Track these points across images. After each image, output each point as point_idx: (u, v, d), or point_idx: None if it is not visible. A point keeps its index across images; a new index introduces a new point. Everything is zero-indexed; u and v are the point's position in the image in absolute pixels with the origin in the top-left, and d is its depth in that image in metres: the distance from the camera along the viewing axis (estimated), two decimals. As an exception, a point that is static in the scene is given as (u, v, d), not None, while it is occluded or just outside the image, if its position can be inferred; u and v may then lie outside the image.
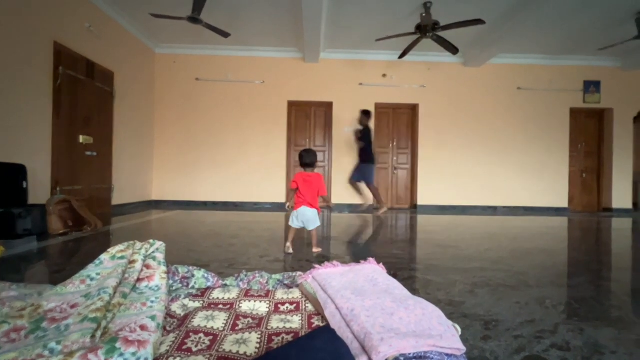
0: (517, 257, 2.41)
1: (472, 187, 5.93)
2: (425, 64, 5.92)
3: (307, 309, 1.14)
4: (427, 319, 0.94)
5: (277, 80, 5.86)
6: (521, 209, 5.92)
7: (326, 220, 4.46)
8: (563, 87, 5.96)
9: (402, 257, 2.36)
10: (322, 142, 6.09)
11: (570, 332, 1.20)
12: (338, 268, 1.30)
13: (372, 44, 5.34)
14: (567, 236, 3.67)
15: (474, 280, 1.79)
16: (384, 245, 2.88)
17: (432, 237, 3.30)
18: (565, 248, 3.00)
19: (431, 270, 2.03)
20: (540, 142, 5.98)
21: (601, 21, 4.58)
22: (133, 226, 3.62)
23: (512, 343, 1.11)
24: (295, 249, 2.56)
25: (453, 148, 5.93)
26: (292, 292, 1.28)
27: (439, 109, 5.94)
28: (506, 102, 5.97)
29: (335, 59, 5.89)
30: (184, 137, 5.82)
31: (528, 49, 5.65)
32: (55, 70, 3.54)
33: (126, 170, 4.98)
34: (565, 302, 1.52)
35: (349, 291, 1.09)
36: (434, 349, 0.83)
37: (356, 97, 5.91)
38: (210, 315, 1.03)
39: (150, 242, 1.19)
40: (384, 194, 6.12)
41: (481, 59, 5.63)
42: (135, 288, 1.00)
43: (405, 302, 1.01)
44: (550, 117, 5.99)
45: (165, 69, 5.80)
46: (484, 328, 1.21)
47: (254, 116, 5.85)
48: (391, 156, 6.13)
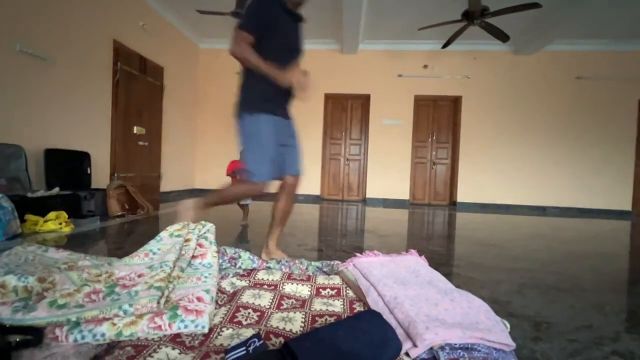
0: (570, 260, 2.24)
1: (518, 184, 5.56)
2: (470, 52, 5.60)
3: (348, 295, 1.16)
4: (473, 312, 0.91)
5: (314, 73, 5.81)
6: (574, 210, 5.44)
7: (360, 214, 4.44)
8: (630, 76, 5.33)
9: (441, 253, 2.29)
10: (358, 135, 6.04)
11: (635, 341, 1.10)
12: (379, 257, 1.31)
13: (414, 33, 5.14)
14: (629, 241, 3.33)
15: (521, 281, 1.70)
16: (421, 240, 2.81)
17: (473, 234, 3.16)
18: (627, 254, 2.73)
19: (473, 267, 1.95)
20: (600, 137, 5.43)
21: (683, -1, 4.02)
22: (179, 211, 3.87)
23: (566, 347, 1.04)
24: (331, 240, 2.60)
25: (498, 143, 5.59)
26: (332, 278, 1.31)
27: (484, 101, 5.60)
28: (562, 93, 5.47)
29: (373, 50, 5.77)
30: (224, 129, 6.07)
31: (589, 34, 5.11)
32: (114, 66, 3.86)
33: (173, 159, 5.32)
34: (628, 309, 1.40)
35: (391, 280, 1.09)
36: (481, 342, 0.81)
37: (394, 89, 5.76)
38: (257, 294, 1.08)
39: (202, 222, 1.27)
40: (421, 189, 5.94)
41: (535, 46, 5.20)
42: (191, 264, 1.09)
43: (450, 294, 0.99)
44: (614, 109, 5.40)
45: (209, 63, 6.05)
46: (533, 329, 1.16)
47: (293, 109, 5.93)
48: (430, 150, 5.92)
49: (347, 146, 6.07)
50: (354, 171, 6.06)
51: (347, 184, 6.07)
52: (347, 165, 6.07)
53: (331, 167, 6.10)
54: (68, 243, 2.15)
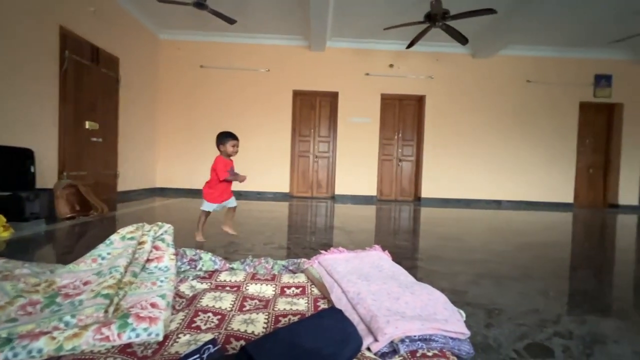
0: (521, 250, 2.41)
1: (477, 180, 5.90)
2: (433, 54, 5.83)
3: (312, 292, 1.16)
4: (432, 303, 0.95)
5: (282, 69, 5.81)
6: (525, 203, 5.89)
7: (329, 211, 4.47)
8: (573, 81, 5.86)
9: (406, 247, 2.37)
10: (326, 132, 6.07)
11: (573, 322, 1.21)
12: (343, 254, 1.32)
13: (380, 33, 5.24)
14: (571, 231, 3.66)
15: (478, 272, 1.80)
16: (387, 235, 2.89)
17: (436, 229, 3.30)
18: (569, 243, 3.00)
19: (435, 261, 2.04)
20: (548, 136, 5.92)
21: (614, 13, 4.46)
22: (138, 212, 3.66)
23: (515, 330, 1.12)
24: (299, 237, 2.59)
25: (459, 141, 5.89)
26: (297, 276, 1.30)
27: (446, 100, 5.87)
28: (514, 95, 5.88)
29: (341, 48, 5.81)
30: (188, 124, 5.82)
31: (538, 41, 5.53)
32: (61, 54, 3.53)
33: (131, 157, 5.00)
34: (569, 293, 1.53)
35: (354, 276, 1.10)
36: (439, 332, 0.85)
37: (362, 87, 5.85)
38: (218, 296, 1.04)
39: (158, 224, 1.20)
40: (388, 185, 6.11)
41: (490, 50, 5.53)
42: (145, 268, 1.02)
43: (411, 287, 1.02)
44: (559, 111, 5.91)
45: (170, 55, 5.76)
46: (487, 316, 1.23)
47: (259, 105, 5.82)
48: (396, 148, 6.09)
49: (316, 143, 6.08)
50: (322, 168, 6.08)
51: (316, 181, 6.09)
52: (316, 162, 6.08)
53: (300, 165, 6.08)
54: (7, 249, 1.94)
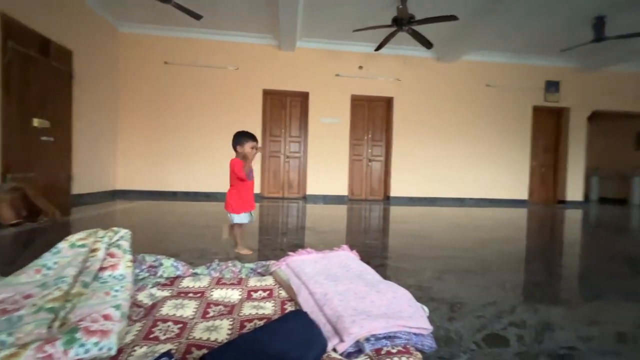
0: (482, 246, 2.55)
1: (441, 179, 6.16)
2: (400, 57, 6.00)
3: (280, 295, 1.14)
4: (397, 301, 0.97)
5: (251, 68, 5.70)
6: (486, 200, 6.25)
7: (300, 211, 4.46)
8: (527, 86, 6.30)
9: (375, 246, 2.41)
10: (297, 132, 6.04)
11: (526, 312, 1.29)
12: (311, 255, 1.31)
13: (349, 34, 5.31)
14: (526, 226, 3.93)
15: (442, 267, 1.88)
16: (357, 235, 2.93)
17: (404, 227, 3.40)
18: (524, 237, 3.21)
19: (402, 258, 2.10)
20: (506, 137, 6.31)
21: (562, 24, 4.86)
22: (95, 216, 3.42)
23: (474, 323, 1.17)
24: (270, 239, 2.55)
25: (425, 141, 6.11)
26: (265, 279, 1.27)
27: (413, 102, 6.07)
28: (476, 98, 6.21)
29: (312, 49, 5.82)
30: (152, 123, 5.54)
31: (497, 48, 5.89)
32: (3, 44, 3.21)
33: (88, 157, 4.67)
34: (523, 285, 1.64)
35: (322, 277, 1.10)
36: (403, 329, 0.87)
37: (333, 88, 5.89)
38: (179, 304, 0.99)
39: (114, 229, 1.12)
40: (359, 185, 6.21)
41: (454, 55, 5.80)
42: (98, 277, 0.95)
43: (377, 286, 1.03)
44: (515, 114, 6.33)
45: (131, 50, 5.44)
46: (449, 310, 1.28)
47: (228, 104, 5.67)
48: (366, 148, 6.20)
49: (286, 143, 6.03)
50: (294, 168, 6.05)
51: (287, 182, 6.05)
52: (287, 162, 6.03)
53: (271, 165, 6.01)
54: None
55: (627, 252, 2.54)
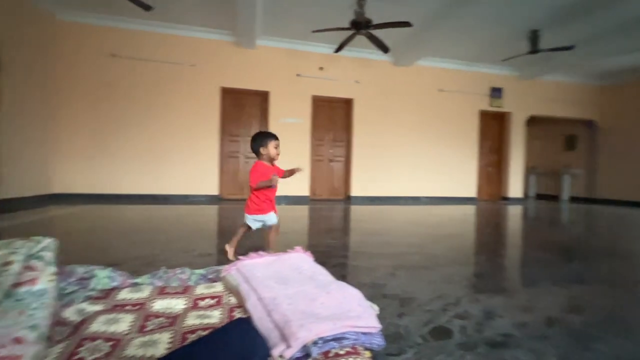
0: (433, 242, 2.67)
1: (399, 179, 6.41)
2: (360, 60, 6.14)
3: (229, 302, 1.09)
4: (347, 301, 0.97)
5: (209, 65, 5.47)
6: (440, 198, 6.61)
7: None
8: (474, 91, 6.78)
9: (334, 245, 2.43)
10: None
11: (470, 303, 1.37)
12: (263, 258, 1.28)
13: (310, 35, 5.32)
14: (474, 222, 4.21)
15: (396, 264, 1.94)
16: (318, 235, 2.93)
17: (363, 226, 3.48)
18: (472, 232, 3.44)
19: (359, 256, 2.13)
20: (456, 139, 6.73)
21: (504, 36, 5.30)
22: (26, 224, 3.05)
23: (422, 317, 1.22)
24: (227, 242, 2.46)
25: (384, 142, 6.31)
26: (214, 286, 1.21)
27: (372, 104, 6.24)
28: (429, 102, 6.55)
29: (272, 47, 5.74)
30: (98, 121, 5.08)
31: (448, 55, 6.26)
32: None
33: (16, 157, 4.16)
34: (467, 277, 1.74)
35: (272, 280, 1.07)
36: (351, 330, 0.87)
37: (293, 88, 5.86)
38: (113, 319, 0.91)
39: (35, 239, 0.99)
40: (320, 185, 6.24)
41: (409, 59, 6.06)
42: (12, 294, 0.83)
43: (327, 287, 1.03)
44: (464, 117, 6.78)
45: (72, 40, 4.95)
46: (400, 306, 1.31)
47: (183, 102, 5.39)
48: (327, 148, 6.25)
49: (246, 143, 5.88)
50: (254, 169, 5.92)
51: (247, 182, 5.88)
52: (247, 163, 5.88)
53: (230, 165, 5.82)
54: None
55: (558, 241, 2.83)
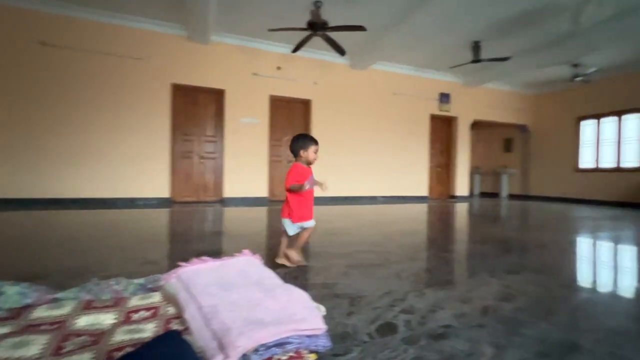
0: (386, 239, 2.76)
1: (358, 179, 6.56)
2: (318, 61, 6.18)
3: (167, 313, 1.01)
4: (292, 304, 0.95)
5: (158, 59, 5.13)
6: (395, 198, 6.89)
7: (216, 215, 4.20)
8: (425, 96, 7.17)
9: (288, 247, 2.39)
10: (213, 132, 5.68)
11: (416, 298, 1.43)
12: (208, 263, 1.21)
13: (267, 33, 5.24)
14: (426, 219, 4.44)
15: (350, 263, 1.96)
16: (274, 237, 2.88)
17: (321, 226, 3.48)
18: (424, 229, 3.62)
19: (315, 257, 2.13)
20: (410, 141, 7.07)
21: (451, 45, 5.68)
22: None
23: (370, 314, 1.24)
24: (175, 248, 2.32)
25: (341, 143, 6.42)
26: (151, 296, 1.12)
27: (330, 106, 6.31)
28: (384, 105, 6.79)
29: (227, 44, 5.54)
30: (23, 116, 4.50)
31: (401, 60, 6.55)
32: None
33: None
34: (416, 272, 1.81)
35: (215, 287, 1.01)
36: (294, 334, 0.85)
37: (250, 87, 5.72)
38: (21, 342, 0.79)
39: None
40: (279, 186, 6.17)
41: (365, 63, 6.23)
42: None
43: (273, 290, 1.00)
44: (417, 120, 7.14)
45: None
46: (350, 305, 1.32)
47: (129, 98, 4.99)
48: (285, 149, 6.19)
49: (201, 143, 5.62)
50: (210, 170, 5.67)
51: (202, 184, 5.63)
52: (201, 163, 5.62)
53: (183, 166, 5.51)
54: None
55: (497, 235, 3.08)
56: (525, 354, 0.99)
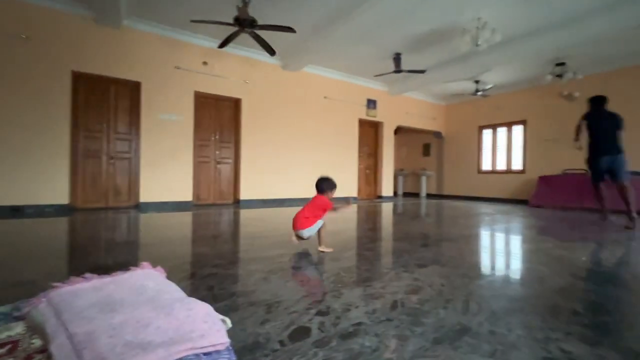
0: (313, 241, 2.78)
1: (290, 180, 6.54)
2: (249, 60, 5.99)
3: (30, 347, 0.82)
4: (191, 320, 0.86)
5: (54, 40, 4.36)
6: (327, 199, 7.05)
7: (129, 223, 3.73)
8: (354, 101, 7.53)
9: (206, 254, 2.23)
10: (126, 128, 5.06)
11: (333, 298, 1.44)
12: (91, 282, 1.03)
13: (191, 25, 4.88)
14: (352, 218, 4.63)
15: (272, 267, 1.91)
16: (194, 244, 2.66)
17: (246, 230, 3.36)
18: (349, 228, 3.75)
19: (235, 263, 2.02)
20: (340, 143, 7.33)
21: (376, 55, 6.06)
22: None
23: (285, 320, 1.20)
24: (61, 264, 1.97)
25: (274, 144, 6.33)
26: (12, 327, 0.91)
27: (261, 105, 6.18)
28: (316, 107, 6.92)
29: (144, 32, 5.00)
30: None
31: (331, 65, 6.76)
32: None
33: None
34: (336, 273, 1.85)
35: (96, 309, 0.86)
36: (190, 352, 0.76)
37: (172, 81, 5.26)
38: None
39: None
40: (206, 189, 5.80)
41: (297, 65, 6.26)
42: None
43: (170, 307, 0.89)
44: (347, 124, 7.45)
45: None
46: (265, 312, 1.27)
47: (14, 85, 4.13)
48: (213, 149, 5.86)
49: (110, 141, 4.95)
50: (122, 172, 5.03)
51: (112, 187, 4.96)
52: (111, 164, 4.95)
53: (87, 167, 4.78)
54: None
55: (414, 232, 3.36)
56: (424, 342, 1.07)
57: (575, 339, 1.11)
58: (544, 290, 1.62)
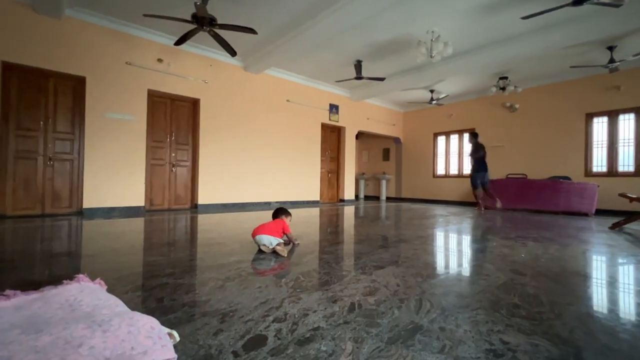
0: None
1: (250, 184, 6.40)
2: (209, 59, 5.79)
3: None
4: (132, 336, 0.79)
5: (-23, 26, 3.86)
6: (288, 203, 7.01)
7: (70, 231, 3.38)
8: (317, 106, 7.60)
9: (158, 263, 2.09)
10: (68, 128, 4.61)
11: (291, 303, 1.43)
12: (15, 299, 0.91)
13: (145, 20, 4.61)
14: (315, 222, 4.64)
15: (229, 275, 1.84)
16: (143, 252, 2.48)
17: (204, 235, 3.21)
18: (311, 232, 3.75)
19: (190, 271, 1.92)
20: (303, 147, 7.34)
21: (337, 61, 6.18)
22: None
23: (241, 329, 1.16)
24: (13, 274, 1.73)
25: (234, 147, 6.16)
26: None
27: (221, 107, 5.99)
28: (278, 110, 6.87)
29: (89, 23, 4.62)
30: None
31: (293, 69, 6.76)
32: None
33: None
34: (295, 277, 1.83)
35: (18, 330, 0.76)
36: (129, 373, 0.70)
37: (122, 77, 4.90)
38: None
39: None
40: (160, 193, 5.46)
41: (258, 67, 6.17)
42: None
43: (108, 323, 0.81)
44: (309, 128, 7.49)
45: None
46: (220, 322, 1.22)
47: None
48: (169, 152, 5.55)
49: (48, 141, 4.47)
50: (62, 174, 4.57)
51: (51, 193, 4.48)
52: (50, 166, 4.47)
53: (21, 170, 4.28)
54: None
55: (373, 234, 3.45)
56: (379, 342, 1.09)
57: (514, 330, 1.20)
58: (488, 285, 1.74)
